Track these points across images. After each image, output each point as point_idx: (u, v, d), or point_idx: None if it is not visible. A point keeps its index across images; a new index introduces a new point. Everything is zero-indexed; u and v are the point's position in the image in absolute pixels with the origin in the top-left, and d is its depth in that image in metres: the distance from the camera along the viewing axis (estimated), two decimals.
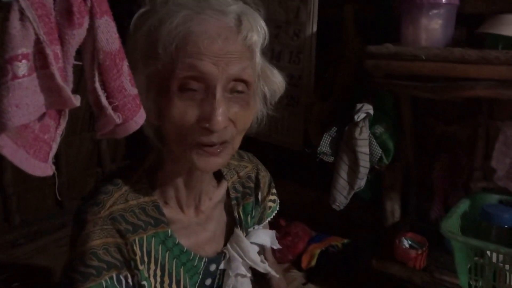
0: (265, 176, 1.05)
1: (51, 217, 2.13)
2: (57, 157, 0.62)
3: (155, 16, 0.73)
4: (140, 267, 0.77)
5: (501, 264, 1.23)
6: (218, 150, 0.76)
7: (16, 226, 2.00)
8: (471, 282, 1.31)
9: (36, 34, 0.54)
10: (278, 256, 1.77)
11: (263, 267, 0.94)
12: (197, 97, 0.73)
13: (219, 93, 0.72)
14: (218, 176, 0.95)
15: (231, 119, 0.76)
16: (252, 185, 1.01)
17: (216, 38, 0.71)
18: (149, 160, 0.86)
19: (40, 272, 1.86)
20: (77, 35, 0.58)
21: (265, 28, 0.79)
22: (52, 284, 1.77)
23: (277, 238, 1.03)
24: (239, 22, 0.74)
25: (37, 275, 1.84)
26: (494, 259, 1.24)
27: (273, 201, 1.09)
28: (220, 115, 0.72)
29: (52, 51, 0.55)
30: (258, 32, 0.77)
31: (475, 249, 1.25)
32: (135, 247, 0.77)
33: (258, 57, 0.79)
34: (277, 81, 0.86)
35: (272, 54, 1.86)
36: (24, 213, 2.05)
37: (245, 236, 0.95)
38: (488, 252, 1.23)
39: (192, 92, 0.73)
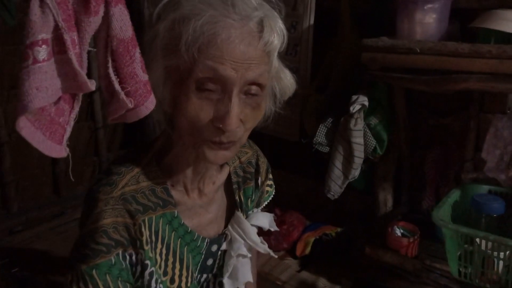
0: (264, 162, 1.09)
1: (49, 205, 2.15)
2: None
3: (180, 11, 0.74)
4: (145, 247, 0.80)
5: (490, 251, 1.27)
6: (227, 145, 0.79)
7: (15, 213, 2.02)
8: (460, 269, 1.35)
9: (55, 20, 0.57)
10: (273, 244, 1.80)
11: (263, 247, 0.98)
12: (213, 96, 0.75)
13: (235, 96, 0.74)
14: None
15: (242, 119, 0.78)
16: (253, 170, 1.04)
17: (239, 43, 0.72)
18: (159, 144, 0.88)
19: (38, 257, 1.88)
20: (93, 23, 0.60)
21: (284, 31, 0.79)
22: (50, 269, 1.80)
23: (274, 221, 1.07)
24: (261, 27, 0.75)
25: (35, 261, 1.87)
26: (483, 247, 1.28)
27: (270, 185, 1.13)
28: (234, 117, 0.74)
29: (70, 37, 0.58)
30: (278, 36, 0.77)
31: (465, 237, 1.29)
32: (143, 228, 0.80)
33: (275, 61, 0.80)
34: (288, 84, 0.88)
35: None
36: (22, 200, 2.07)
37: (245, 219, 0.98)
38: (478, 240, 1.28)
39: (208, 92, 0.74)
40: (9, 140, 1.90)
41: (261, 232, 1.09)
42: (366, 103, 1.55)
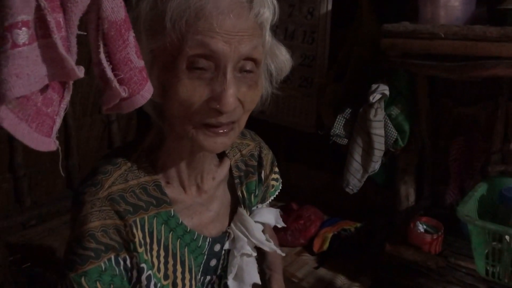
0: (267, 154, 1.02)
1: (62, 199, 2.13)
2: (68, 139, 0.60)
3: None
4: (140, 249, 0.74)
5: None
6: (225, 130, 0.73)
7: (28, 208, 2.01)
8: (488, 268, 1.28)
9: (36, 0, 0.51)
10: (290, 240, 1.75)
11: (269, 245, 0.92)
12: (206, 76, 0.69)
13: (230, 73, 0.69)
14: (221, 154, 0.92)
15: (240, 99, 0.72)
16: (255, 163, 0.98)
17: (229, 14, 0.67)
18: (149, 139, 0.82)
19: (51, 252, 1.86)
20: (80, 3, 0.55)
21: (275, 3, 0.75)
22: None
23: (286, 221, 1.01)
24: None
25: (48, 256, 1.85)
26: None
27: (276, 180, 1.06)
28: (231, 96, 0.68)
29: (54, 19, 0.52)
30: (269, 7, 0.73)
31: (493, 234, 1.22)
32: (134, 229, 0.74)
33: (268, 34, 0.76)
34: (284, 59, 0.82)
35: (285, 33, 1.82)
36: (35, 195, 2.06)
37: (249, 215, 0.92)
38: (507, 237, 1.20)
39: (201, 71, 0.69)
40: None
41: (276, 228, 1.03)
42: (387, 92, 1.48)
